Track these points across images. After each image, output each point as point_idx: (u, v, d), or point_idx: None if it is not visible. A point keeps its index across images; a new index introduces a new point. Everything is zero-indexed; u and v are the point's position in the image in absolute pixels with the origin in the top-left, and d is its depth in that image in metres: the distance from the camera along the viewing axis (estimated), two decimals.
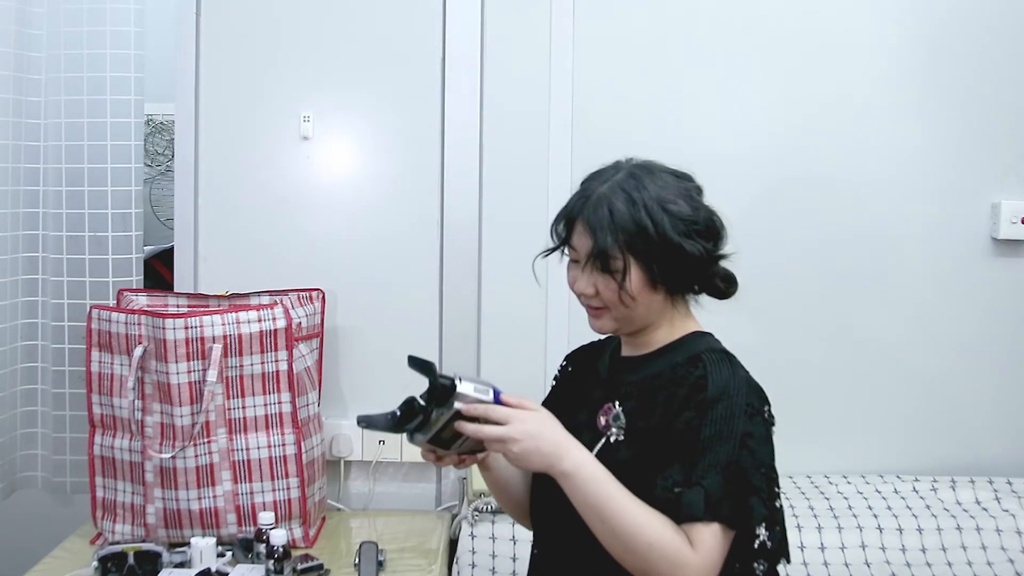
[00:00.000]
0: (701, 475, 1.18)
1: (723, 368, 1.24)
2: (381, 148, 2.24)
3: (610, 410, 1.30)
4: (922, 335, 2.22)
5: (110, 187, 2.14)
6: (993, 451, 2.22)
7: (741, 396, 1.22)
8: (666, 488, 1.19)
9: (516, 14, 2.19)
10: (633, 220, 1.23)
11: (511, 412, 1.20)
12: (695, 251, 1.25)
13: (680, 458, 1.20)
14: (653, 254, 1.24)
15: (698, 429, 1.19)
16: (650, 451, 1.23)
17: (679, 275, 1.27)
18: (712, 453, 1.18)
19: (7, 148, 2.09)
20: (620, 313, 1.28)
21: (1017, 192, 2.20)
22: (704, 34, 2.20)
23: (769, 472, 1.21)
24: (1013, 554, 1.95)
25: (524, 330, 2.19)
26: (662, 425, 1.23)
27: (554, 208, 2.19)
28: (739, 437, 1.19)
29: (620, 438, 1.27)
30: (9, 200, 2.12)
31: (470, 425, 1.20)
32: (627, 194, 1.24)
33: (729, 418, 1.20)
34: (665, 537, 1.16)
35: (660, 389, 1.26)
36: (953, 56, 2.19)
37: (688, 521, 1.17)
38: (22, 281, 2.18)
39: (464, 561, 1.92)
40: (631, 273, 1.24)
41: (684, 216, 1.25)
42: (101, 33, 2.11)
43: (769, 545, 1.19)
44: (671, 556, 1.15)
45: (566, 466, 1.19)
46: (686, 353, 1.29)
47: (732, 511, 1.18)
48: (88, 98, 2.11)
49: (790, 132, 2.19)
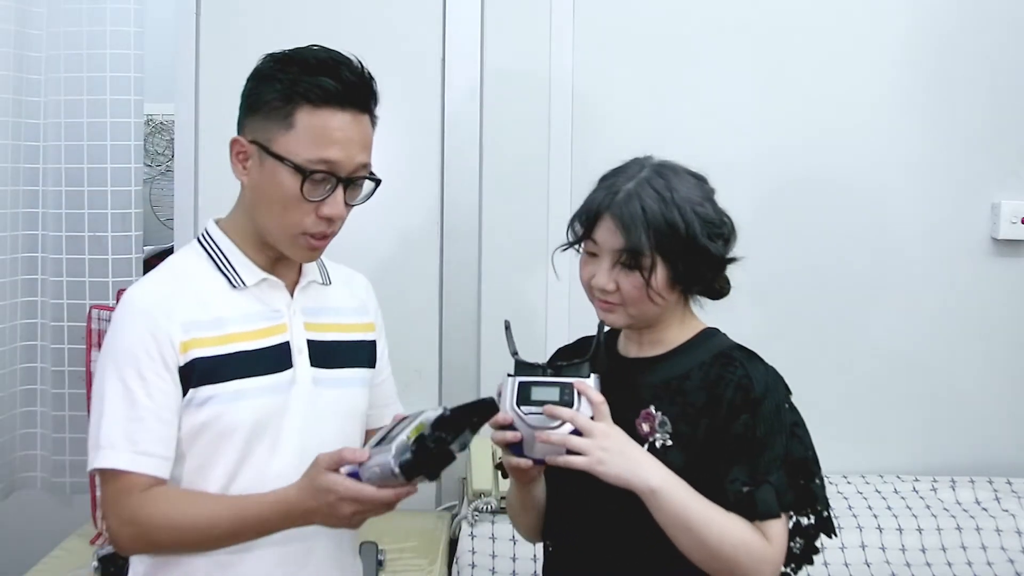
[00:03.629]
0: (765, 472, 1.22)
1: (758, 364, 1.28)
2: (381, 148, 2.22)
3: (651, 416, 1.28)
4: (922, 335, 2.22)
5: (110, 187, 2.14)
6: (993, 451, 2.22)
7: (780, 389, 1.27)
8: (736, 490, 1.22)
9: (516, 14, 2.19)
10: (665, 219, 1.23)
11: (595, 425, 1.20)
12: (718, 253, 1.27)
13: (740, 458, 1.23)
14: (680, 253, 1.24)
15: (754, 428, 1.23)
16: (707, 455, 1.24)
17: (698, 275, 1.28)
18: (771, 449, 1.23)
19: (7, 148, 2.09)
20: (637, 310, 1.27)
21: (1017, 192, 2.20)
22: (705, 33, 2.20)
23: (815, 454, 1.28)
24: (1013, 554, 1.96)
25: (524, 330, 2.18)
26: (717, 428, 1.24)
27: (554, 208, 2.22)
28: (789, 428, 1.26)
29: (668, 443, 1.26)
30: (9, 200, 2.12)
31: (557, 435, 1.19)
32: (658, 192, 1.24)
33: (777, 412, 1.25)
34: (747, 537, 1.20)
35: (697, 391, 1.27)
36: (953, 57, 2.19)
37: (764, 518, 1.21)
38: (22, 281, 2.18)
39: (464, 561, 1.92)
40: (656, 271, 1.24)
41: (710, 219, 1.26)
42: (101, 33, 2.11)
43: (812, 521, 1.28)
44: (755, 554, 1.20)
45: (654, 482, 1.19)
46: (709, 352, 1.30)
47: (797, 500, 1.25)
48: (88, 98, 2.11)
49: (791, 133, 2.19)
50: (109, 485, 1.24)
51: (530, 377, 1.24)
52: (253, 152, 1.27)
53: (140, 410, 1.22)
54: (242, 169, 1.29)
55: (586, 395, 1.21)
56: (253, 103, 1.27)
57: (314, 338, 1.34)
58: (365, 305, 1.47)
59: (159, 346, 1.23)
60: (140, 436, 1.22)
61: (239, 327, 1.28)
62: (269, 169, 1.25)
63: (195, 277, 1.30)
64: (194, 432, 1.25)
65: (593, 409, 1.21)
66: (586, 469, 1.18)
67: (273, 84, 1.25)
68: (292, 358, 1.31)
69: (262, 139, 1.25)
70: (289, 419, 1.30)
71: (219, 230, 1.34)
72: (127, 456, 1.21)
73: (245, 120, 1.29)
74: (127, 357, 1.23)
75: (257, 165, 1.27)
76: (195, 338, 1.25)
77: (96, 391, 1.25)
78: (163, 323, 1.24)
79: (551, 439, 1.19)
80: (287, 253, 1.31)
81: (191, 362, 1.24)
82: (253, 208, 1.30)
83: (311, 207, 1.25)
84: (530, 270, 2.22)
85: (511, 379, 1.25)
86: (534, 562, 1.90)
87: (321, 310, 1.38)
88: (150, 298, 1.27)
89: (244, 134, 1.28)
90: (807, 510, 1.27)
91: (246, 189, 1.31)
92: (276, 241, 1.30)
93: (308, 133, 1.23)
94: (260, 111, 1.26)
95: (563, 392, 1.22)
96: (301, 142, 1.23)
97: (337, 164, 1.25)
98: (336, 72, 1.25)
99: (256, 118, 1.26)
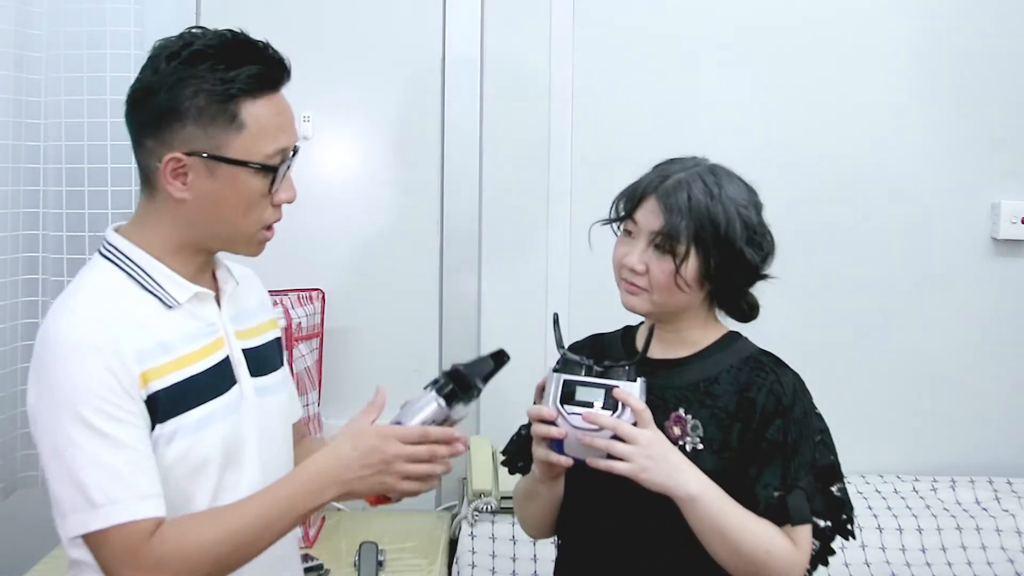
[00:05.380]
0: (796, 477, 1.23)
1: (787, 370, 1.30)
2: (381, 148, 2.24)
3: (682, 420, 1.28)
4: (922, 335, 2.22)
5: (110, 187, 2.13)
6: (993, 451, 2.22)
7: (806, 395, 1.29)
8: (768, 495, 1.23)
9: (516, 14, 2.19)
10: (708, 211, 1.24)
11: (639, 433, 1.19)
12: (753, 260, 1.27)
13: (772, 463, 1.23)
14: (715, 250, 1.25)
15: (785, 433, 1.24)
16: (738, 460, 1.24)
17: (729, 278, 1.28)
18: (801, 454, 1.24)
19: (7, 148, 2.09)
20: (661, 297, 1.27)
21: (1017, 192, 2.20)
22: (705, 32, 2.20)
23: (838, 460, 1.30)
24: (1013, 554, 1.96)
25: (524, 330, 2.19)
26: (749, 433, 1.24)
27: (554, 207, 2.23)
28: (816, 433, 1.27)
29: (699, 447, 1.26)
30: (9, 200, 2.12)
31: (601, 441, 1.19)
32: (706, 186, 1.25)
33: (805, 418, 1.26)
34: (778, 542, 1.21)
35: (727, 395, 1.27)
36: (953, 57, 2.19)
37: (796, 524, 1.22)
38: (22, 281, 2.18)
39: (464, 561, 1.92)
40: (688, 260, 1.25)
41: (751, 224, 1.28)
42: (101, 33, 2.10)
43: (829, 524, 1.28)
44: (786, 559, 1.21)
45: (693, 489, 1.19)
46: (736, 356, 1.30)
47: (825, 506, 1.26)
48: (88, 98, 2.11)
49: (791, 133, 2.19)
50: (113, 544, 1.08)
51: (575, 376, 1.23)
52: (195, 164, 1.14)
53: (127, 452, 1.09)
54: (180, 186, 1.15)
55: (629, 403, 1.19)
56: (174, 114, 1.14)
57: (246, 346, 1.26)
58: (264, 300, 1.38)
59: (120, 382, 1.09)
60: (137, 480, 1.09)
61: (183, 349, 1.16)
62: (226, 176, 1.15)
63: (122, 300, 1.15)
64: (165, 471, 1.12)
65: (636, 416, 1.20)
66: (628, 475, 1.18)
67: (191, 87, 1.14)
68: (235, 372, 1.22)
69: (207, 148, 1.14)
70: (247, 437, 1.21)
71: (131, 244, 1.18)
72: (133, 506, 1.08)
73: (166, 135, 1.15)
74: (88, 400, 1.08)
75: (205, 176, 1.15)
76: (150, 368, 1.12)
77: (54, 447, 1.09)
78: (115, 357, 1.10)
79: (595, 443, 1.19)
80: (241, 251, 1.23)
81: (153, 395, 1.12)
82: (199, 220, 1.17)
83: (269, 198, 1.19)
84: (530, 270, 2.22)
85: (555, 375, 1.24)
86: (534, 562, 1.90)
87: (242, 315, 1.28)
88: (91, 332, 1.11)
89: (175, 148, 1.14)
90: (835, 516, 1.27)
91: (186, 204, 1.16)
92: (230, 244, 1.21)
93: (259, 127, 1.15)
94: (187, 120, 1.14)
95: (607, 394, 1.21)
96: (256, 139, 1.15)
97: (288, 148, 1.19)
98: (256, 55, 1.19)
99: (186, 129, 1.14)
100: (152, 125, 1.16)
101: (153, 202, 1.19)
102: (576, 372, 1.23)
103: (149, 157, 1.17)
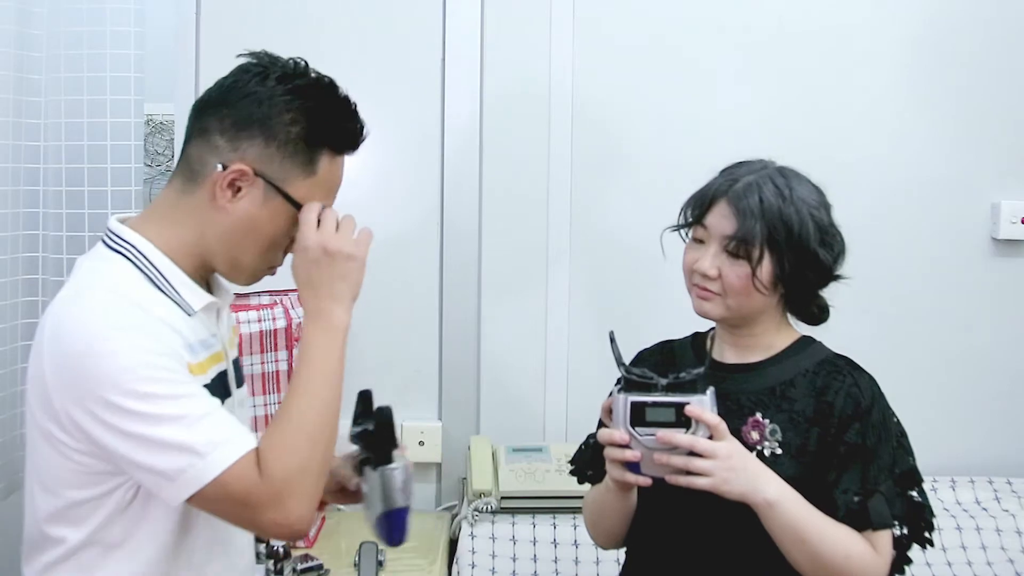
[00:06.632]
0: (875, 482, 1.23)
1: (863, 373, 1.30)
2: (381, 148, 2.23)
3: (760, 424, 1.27)
4: (921, 335, 2.22)
5: (110, 187, 2.13)
6: (993, 451, 2.22)
7: (883, 398, 1.29)
8: (848, 500, 1.22)
9: (516, 13, 2.19)
10: (781, 214, 1.24)
11: (717, 447, 1.17)
12: (826, 261, 1.27)
13: (851, 468, 1.23)
14: (788, 252, 1.24)
15: (864, 437, 1.24)
16: (819, 464, 1.24)
17: (802, 281, 1.28)
18: (880, 458, 1.24)
19: (7, 148, 2.09)
20: (735, 301, 1.27)
21: (1017, 192, 2.20)
22: (705, 31, 2.20)
23: (916, 464, 1.29)
24: (1013, 554, 1.96)
25: (525, 330, 2.19)
26: (828, 438, 1.24)
27: (555, 207, 2.22)
28: (896, 437, 1.27)
29: (777, 452, 1.26)
30: (9, 200, 2.11)
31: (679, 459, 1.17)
32: (777, 188, 1.25)
33: (884, 421, 1.26)
34: (858, 548, 1.20)
35: (804, 399, 1.27)
36: (953, 57, 2.19)
37: (877, 529, 1.21)
38: (22, 281, 2.18)
39: (464, 561, 1.92)
40: (763, 264, 1.24)
41: (824, 225, 1.28)
42: (101, 33, 2.10)
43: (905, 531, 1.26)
44: (866, 564, 1.20)
45: (771, 496, 1.18)
46: (811, 359, 1.30)
47: (904, 510, 1.25)
48: (88, 98, 2.11)
49: (791, 134, 2.19)
50: (234, 488, 1.03)
51: (643, 396, 1.19)
52: (256, 184, 1.12)
53: (199, 400, 1.06)
54: (230, 196, 1.12)
55: (703, 419, 1.17)
56: (264, 129, 1.12)
57: (233, 357, 1.27)
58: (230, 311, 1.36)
59: (171, 350, 1.07)
60: (224, 418, 1.07)
61: (203, 354, 1.16)
62: (274, 209, 1.14)
63: (145, 299, 1.11)
64: None
65: (712, 430, 1.17)
66: (710, 490, 1.17)
67: (289, 115, 1.13)
68: (229, 384, 1.23)
69: (275, 177, 1.12)
70: None
71: (145, 240, 1.14)
72: (238, 440, 1.05)
73: (244, 143, 1.12)
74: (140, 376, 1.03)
75: (257, 199, 1.13)
76: (189, 363, 1.10)
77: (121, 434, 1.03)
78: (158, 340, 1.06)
79: (673, 463, 1.17)
80: (234, 279, 1.21)
81: None
82: (224, 237, 1.15)
83: (288, 245, 1.19)
84: (530, 271, 2.22)
85: (622, 397, 1.20)
86: (534, 562, 1.90)
87: (224, 326, 1.28)
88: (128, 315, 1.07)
89: (247, 161, 1.11)
90: (914, 522, 1.26)
91: (222, 215, 1.13)
92: (232, 269, 1.19)
93: (323, 181, 1.16)
94: (274, 144, 1.12)
95: (679, 412, 1.17)
96: (313, 189, 1.15)
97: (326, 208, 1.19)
98: (355, 118, 1.19)
99: (269, 150, 1.12)
100: (235, 128, 1.13)
101: (186, 199, 1.15)
102: (642, 390, 1.20)
103: (211, 154, 1.13)
